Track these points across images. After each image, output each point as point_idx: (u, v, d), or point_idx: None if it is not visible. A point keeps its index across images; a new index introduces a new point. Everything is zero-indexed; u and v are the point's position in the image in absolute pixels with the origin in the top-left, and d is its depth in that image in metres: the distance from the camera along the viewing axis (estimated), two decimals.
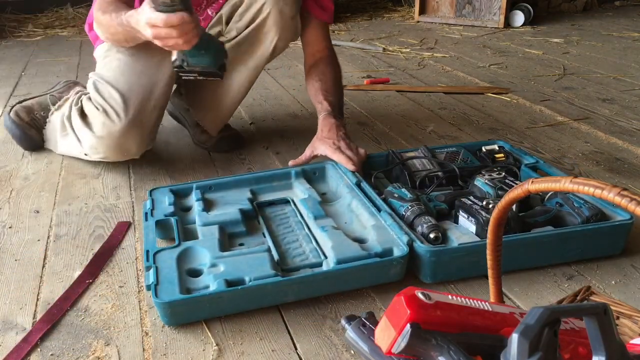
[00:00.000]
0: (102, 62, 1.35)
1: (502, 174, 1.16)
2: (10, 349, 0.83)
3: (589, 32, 3.13)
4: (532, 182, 0.53)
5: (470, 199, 1.05)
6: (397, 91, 2.09)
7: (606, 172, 1.40)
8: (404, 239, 0.97)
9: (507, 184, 1.12)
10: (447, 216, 1.09)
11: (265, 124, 1.77)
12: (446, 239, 1.02)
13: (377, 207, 1.07)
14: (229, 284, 0.88)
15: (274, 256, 0.97)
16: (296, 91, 2.09)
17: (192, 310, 0.87)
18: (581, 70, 2.37)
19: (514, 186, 0.58)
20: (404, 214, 1.05)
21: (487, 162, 1.27)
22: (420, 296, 0.52)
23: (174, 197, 1.15)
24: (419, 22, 3.50)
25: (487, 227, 0.73)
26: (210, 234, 1.02)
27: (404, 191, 1.11)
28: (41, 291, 0.97)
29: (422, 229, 1.01)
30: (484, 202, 1.03)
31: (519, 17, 3.29)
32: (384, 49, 2.79)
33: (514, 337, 0.45)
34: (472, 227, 1.02)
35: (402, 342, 0.51)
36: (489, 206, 1.02)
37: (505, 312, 0.57)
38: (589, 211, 1.04)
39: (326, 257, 0.97)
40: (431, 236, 1.00)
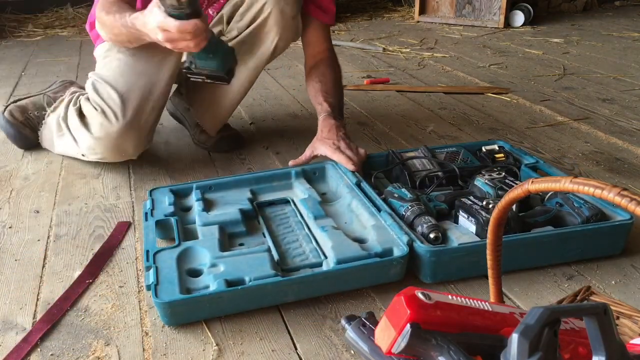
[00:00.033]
0: (102, 62, 1.34)
1: (502, 174, 1.16)
2: (10, 349, 0.83)
3: (589, 32, 3.13)
4: (532, 182, 0.53)
5: (470, 199, 1.05)
6: (397, 91, 2.09)
7: (606, 172, 1.40)
8: (404, 239, 0.97)
9: (507, 184, 1.12)
10: (447, 216, 1.09)
11: (265, 124, 1.77)
12: (446, 239, 1.02)
13: (377, 207, 1.07)
14: (229, 284, 0.88)
15: (274, 256, 0.97)
16: (296, 91, 2.09)
17: (192, 310, 0.87)
18: (581, 70, 2.37)
19: (514, 186, 0.58)
20: (404, 214, 1.05)
21: (487, 162, 1.27)
22: (420, 296, 0.52)
23: (174, 197, 1.15)
24: (419, 22, 3.50)
25: (487, 227, 0.73)
26: (210, 234, 1.02)
27: (404, 191, 1.11)
28: (41, 291, 0.97)
29: (422, 229, 1.01)
30: (484, 202, 1.03)
31: (519, 17, 3.29)
32: (384, 49, 2.79)
33: (514, 337, 0.45)
34: (472, 227, 1.02)
35: (402, 342, 0.51)
36: (489, 206, 1.02)
37: (505, 312, 0.57)
38: (589, 211, 1.04)
39: (326, 257, 0.97)
40: (431, 236, 1.00)
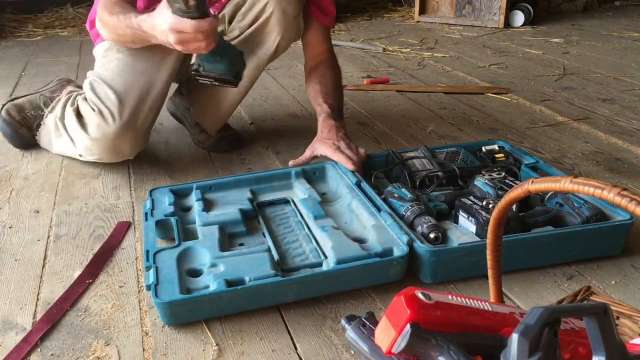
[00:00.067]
0: (101, 61, 1.34)
1: (502, 174, 1.16)
2: (10, 349, 0.83)
3: (589, 32, 3.13)
4: (532, 182, 0.53)
5: (470, 199, 1.05)
6: (397, 91, 2.09)
7: (606, 172, 1.40)
8: (404, 239, 0.97)
9: (507, 184, 1.12)
10: (447, 216, 1.09)
11: (265, 124, 1.77)
12: (446, 239, 1.02)
13: (377, 207, 1.07)
14: (229, 284, 0.88)
15: (274, 256, 0.97)
16: (296, 91, 2.09)
17: (192, 310, 0.87)
18: (581, 70, 2.36)
19: (514, 186, 0.58)
20: (404, 214, 1.05)
21: (487, 162, 1.27)
22: (420, 296, 0.52)
23: (174, 197, 1.15)
24: (419, 22, 3.50)
25: (487, 227, 0.73)
26: (210, 234, 1.02)
27: (404, 191, 1.11)
28: (41, 291, 0.97)
29: (422, 229, 1.01)
30: (484, 202, 1.03)
31: (519, 17, 3.29)
32: (384, 49, 2.79)
33: (514, 337, 0.45)
34: (472, 227, 1.02)
35: (402, 342, 0.51)
36: (489, 206, 1.02)
37: (505, 312, 0.57)
38: (589, 211, 1.04)
39: (326, 257, 0.97)
40: (431, 236, 1.00)
